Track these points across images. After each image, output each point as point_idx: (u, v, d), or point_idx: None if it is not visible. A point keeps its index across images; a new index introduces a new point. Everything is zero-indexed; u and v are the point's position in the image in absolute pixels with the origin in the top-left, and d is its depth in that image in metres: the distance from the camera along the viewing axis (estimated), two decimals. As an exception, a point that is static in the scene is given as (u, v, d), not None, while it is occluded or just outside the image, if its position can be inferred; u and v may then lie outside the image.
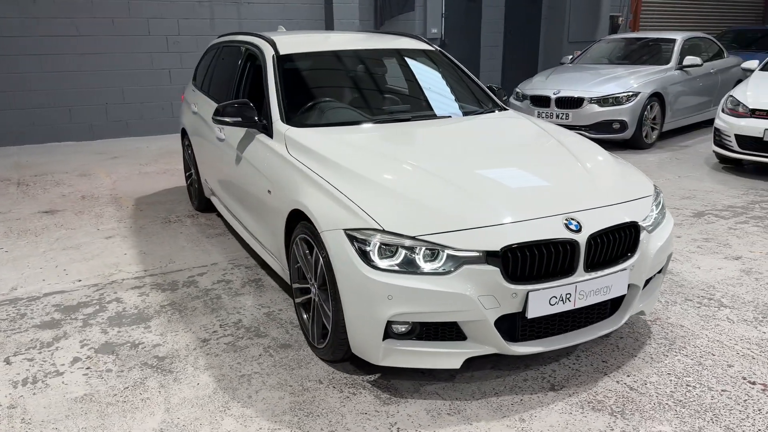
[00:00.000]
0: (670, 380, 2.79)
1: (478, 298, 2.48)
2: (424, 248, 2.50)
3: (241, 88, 4.27)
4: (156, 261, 4.31)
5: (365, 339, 2.61)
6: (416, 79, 4.22)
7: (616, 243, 2.72)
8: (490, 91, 4.27)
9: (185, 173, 5.73)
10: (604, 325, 2.81)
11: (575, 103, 7.82)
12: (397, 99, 4.08)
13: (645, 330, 3.24)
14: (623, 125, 7.70)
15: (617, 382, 2.79)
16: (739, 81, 9.89)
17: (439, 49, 4.48)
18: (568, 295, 2.59)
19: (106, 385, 2.81)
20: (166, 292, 3.80)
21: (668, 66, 8.44)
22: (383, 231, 2.53)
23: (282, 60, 3.88)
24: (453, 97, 4.14)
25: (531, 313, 2.54)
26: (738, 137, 6.39)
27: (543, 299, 2.55)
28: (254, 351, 3.09)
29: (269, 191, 3.33)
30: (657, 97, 7.98)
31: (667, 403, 2.63)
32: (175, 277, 4.03)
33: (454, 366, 2.58)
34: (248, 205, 3.78)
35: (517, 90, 8.63)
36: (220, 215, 5.29)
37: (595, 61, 9.34)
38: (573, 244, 2.58)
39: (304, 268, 3.04)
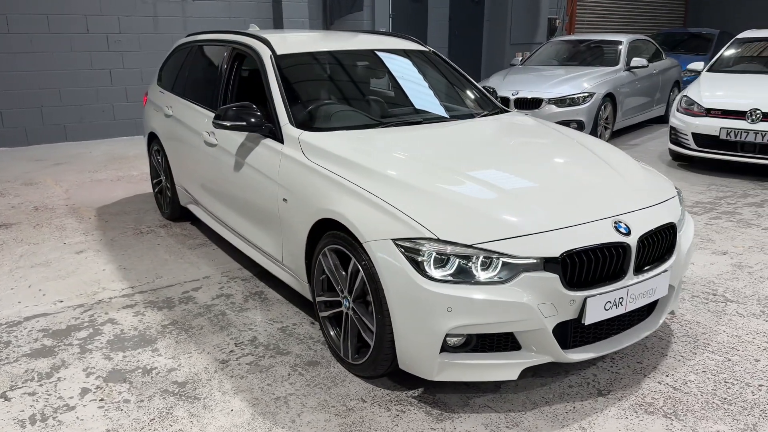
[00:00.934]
0: (707, 378, 2.82)
1: (538, 306, 2.40)
2: (481, 257, 2.40)
3: (230, 90, 4.03)
4: (141, 276, 4.00)
5: (418, 353, 2.48)
6: (418, 80, 4.12)
7: (659, 244, 2.72)
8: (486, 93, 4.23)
9: (152, 180, 5.39)
10: (644, 327, 2.81)
11: (534, 103, 7.94)
12: (403, 100, 3.96)
13: (666, 328, 3.28)
14: (580, 125, 7.87)
15: (659, 382, 2.80)
16: (677, 82, 10.40)
17: (432, 50, 4.40)
18: (620, 299, 2.57)
19: (129, 417, 2.56)
20: (163, 310, 3.52)
21: (617, 67, 8.72)
22: (437, 240, 2.42)
23: (280, 60, 3.68)
24: (458, 99, 4.06)
25: (588, 320, 2.50)
26: (695, 135, 6.67)
27: (599, 305, 2.51)
28: (281, 370, 2.90)
29: (285, 200, 3.14)
30: (609, 97, 8.23)
31: (714, 402, 2.65)
32: (168, 293, 3.75)
33: (511, 377, 2.50)
34: (250, 213, 3.56)
35: (475, 91, 8.68)
36: (195, 224, 5.00)
37: (545, 62, 9.54)
38: (625, 248, 2.56)
39: (334, 280, 2.88)
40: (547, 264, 2.42)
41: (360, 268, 2.64)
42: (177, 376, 2.85)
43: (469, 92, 4.14)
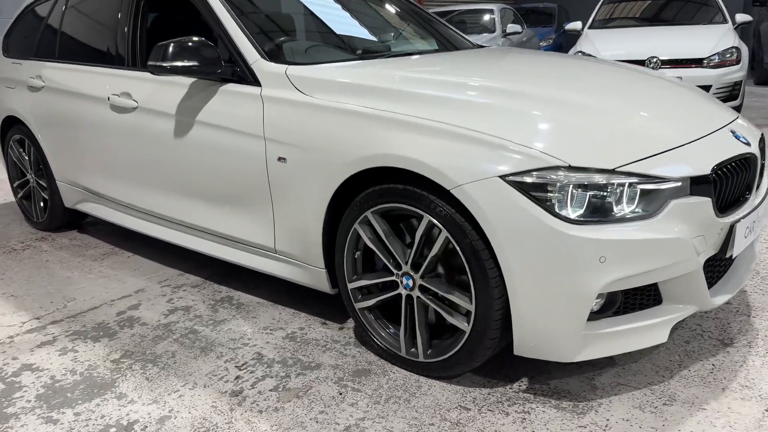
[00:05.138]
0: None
1: (692, 241, 1.85)
2: (626, 184, 1.78)
3: (139, 37, 3.01)
4: (43, 302, 2.85)
5: (555, 328, 1.80)
6: (386, 14, 3.39)
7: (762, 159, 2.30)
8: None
9: (12, 183, 4.06)
10: (747, 258, 2.35)
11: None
12: (383, 33, 3.22)
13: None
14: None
15: (750, 324, 2.39)
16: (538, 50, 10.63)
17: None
18: (753, 223, 2.11)
19: (136, 508, 1.58)
20: (101, 340, 2.47)
21: (495, 34, 8.61)
22: (569, 167, 1.76)
23: (218, -12, 2.75)
24: (436, 33, 3.39)
25: (736, 250, 2.00)
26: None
27: (741, 232, 2.02)
28: (327, 390, 2.06)
29: (282, 159, 2.28)
30: (495, 62, 8.05)
31: (841, 332, 2.29)
32: (96, 317, 2.67)
33: (661, 340, 1.92)
34: (210, 190, 2.62)
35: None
36: (87, 231, 3.82)
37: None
38: (752, 159, 2.10)
39: (384, 254, 2.11)
40: (695, 186, 1.87)
41: (441, 228, 1.90)
42: (177, 427, 1.89)
43: (443, 28, 3.49)
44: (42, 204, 3.84)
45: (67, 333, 2.54)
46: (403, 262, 2.06)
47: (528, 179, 1.75)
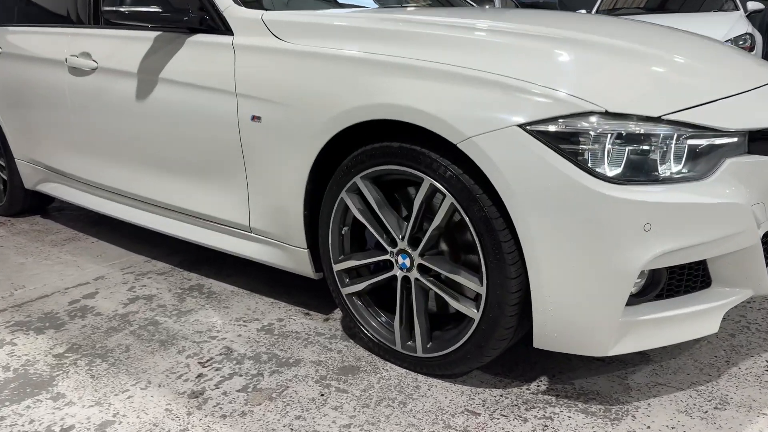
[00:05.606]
0: None
1: (752, 208, 1.51)
2: (674, 137, 1.44)
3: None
4: (-14, 290, 2.50)
5: (585, 315, 1.46)
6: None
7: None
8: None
9: (-31, 165, 3.70)
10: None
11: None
12: None
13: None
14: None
15: (822, 313, 2.06)
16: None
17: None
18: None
19: None
20: (46, 332, 2.11)
21: (495, 23, 8.30)
22: (605, 114, 1.42)
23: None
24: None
25: (798, 224, 1.66)
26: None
27: (803, 201, 1.68)
28: (305, 391, 1.71)
29: (256, 117, 1.94)
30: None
31: None
32: (45, 306, 2.32)
33: (712, 330, 1.58)
34: (177, 160, 2.27)
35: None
36: (50, 216, 3.47)
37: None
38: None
39: (376, 228, 1.76)
40: (752, 143, 1.53)
41: (446, 192, 1.56)
42: (121, 436, 1.55)
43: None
44: (2, 186, 3.49)
45: (8, 324, 2.18)
46: (399, 237, 1.72)
47: (553, 128, 1.41)
